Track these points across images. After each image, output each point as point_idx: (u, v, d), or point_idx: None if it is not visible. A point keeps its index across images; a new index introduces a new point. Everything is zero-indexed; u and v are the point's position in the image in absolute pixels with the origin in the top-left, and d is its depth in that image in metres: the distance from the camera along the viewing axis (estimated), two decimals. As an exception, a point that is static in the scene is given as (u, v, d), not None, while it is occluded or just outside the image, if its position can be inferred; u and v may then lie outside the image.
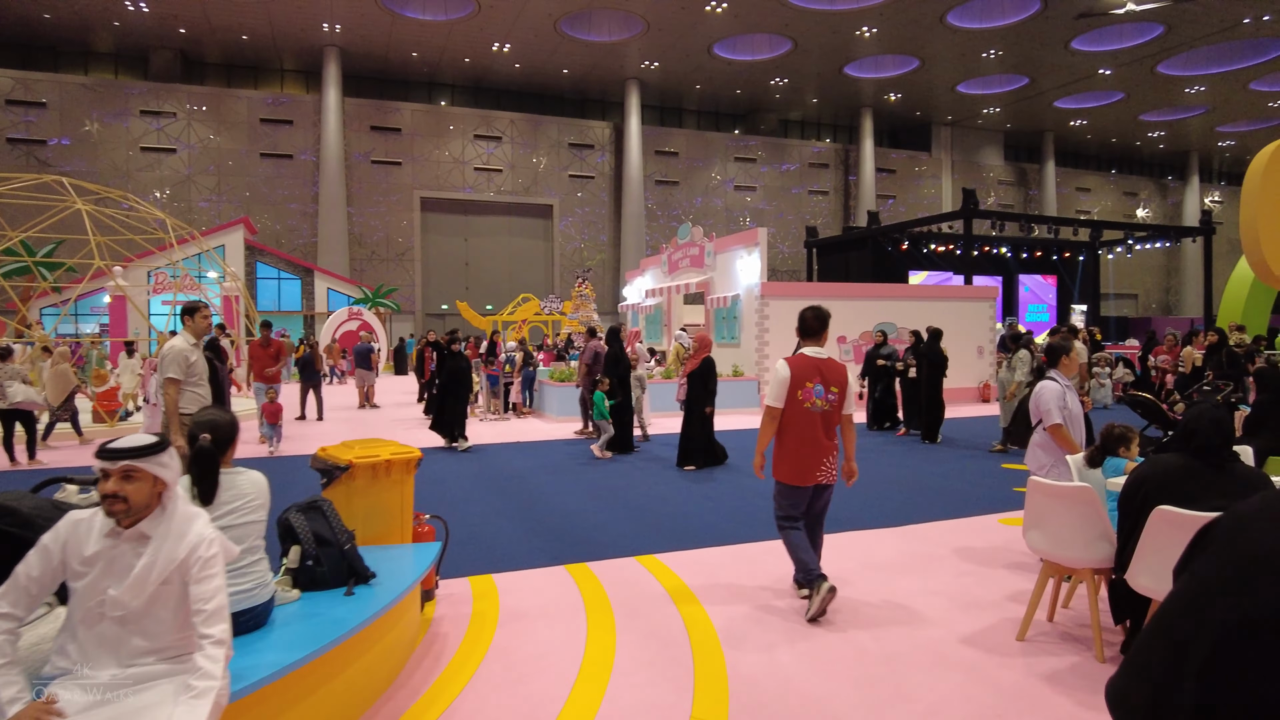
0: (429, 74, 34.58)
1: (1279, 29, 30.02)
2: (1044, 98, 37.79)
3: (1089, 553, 3.75)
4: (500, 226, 35.42)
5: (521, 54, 32.12)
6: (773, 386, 4.69)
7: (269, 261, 28.23)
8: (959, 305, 16.62)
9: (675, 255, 16.45)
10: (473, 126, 34.47)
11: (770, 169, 39.44)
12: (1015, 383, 10.15)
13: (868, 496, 7.63)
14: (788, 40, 31.19)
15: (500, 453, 10.47)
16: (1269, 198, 5.94)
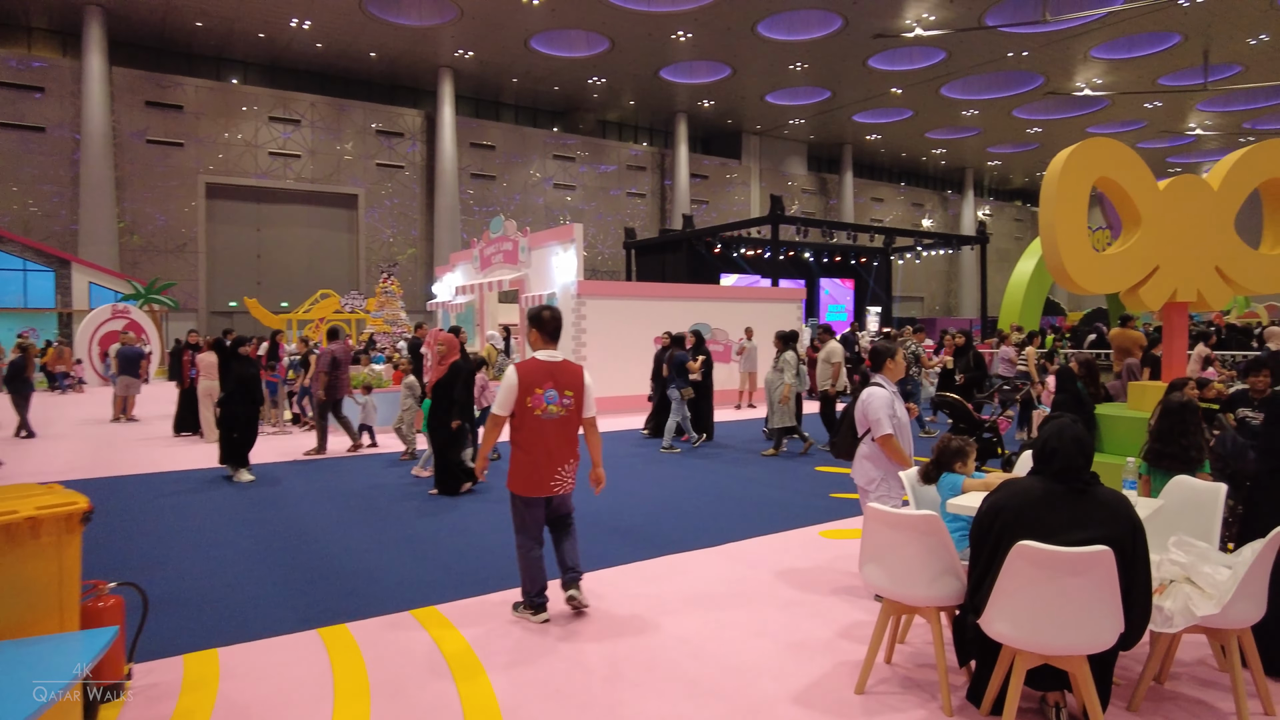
0: (217, 47, 31.29)
1: (1035, 64, 33.53)
2: (844, 111, 40.12)
3: (935, 590, 3.36)
4: (298, 216, 32.72)
5: (324, 33, 29.78)
6: (500, 394, 4.49)
7: (10, 250, 24.24)
8: (769, 306, 16.98)
9: (488, 250, 15.57)
10: (268, 108, 31.57)
11: (589, 169, 39.20)
12: (786, 385, 10.22)
13: (681, 512, 7.26)
14: (605, 39, 30.99)
15: (274, 476, 9.21)
16: (1066, 202, 6.04)
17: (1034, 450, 3.20)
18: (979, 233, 30.24)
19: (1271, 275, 6.87)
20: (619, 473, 9.20)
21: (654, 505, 7.56)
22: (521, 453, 4.52)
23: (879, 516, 3.48)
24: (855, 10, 28.33)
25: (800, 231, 26.88)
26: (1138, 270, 6.47)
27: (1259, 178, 6.85)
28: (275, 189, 31.94)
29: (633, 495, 7.98)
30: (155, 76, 29.65)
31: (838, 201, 46.51)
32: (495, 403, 4.52)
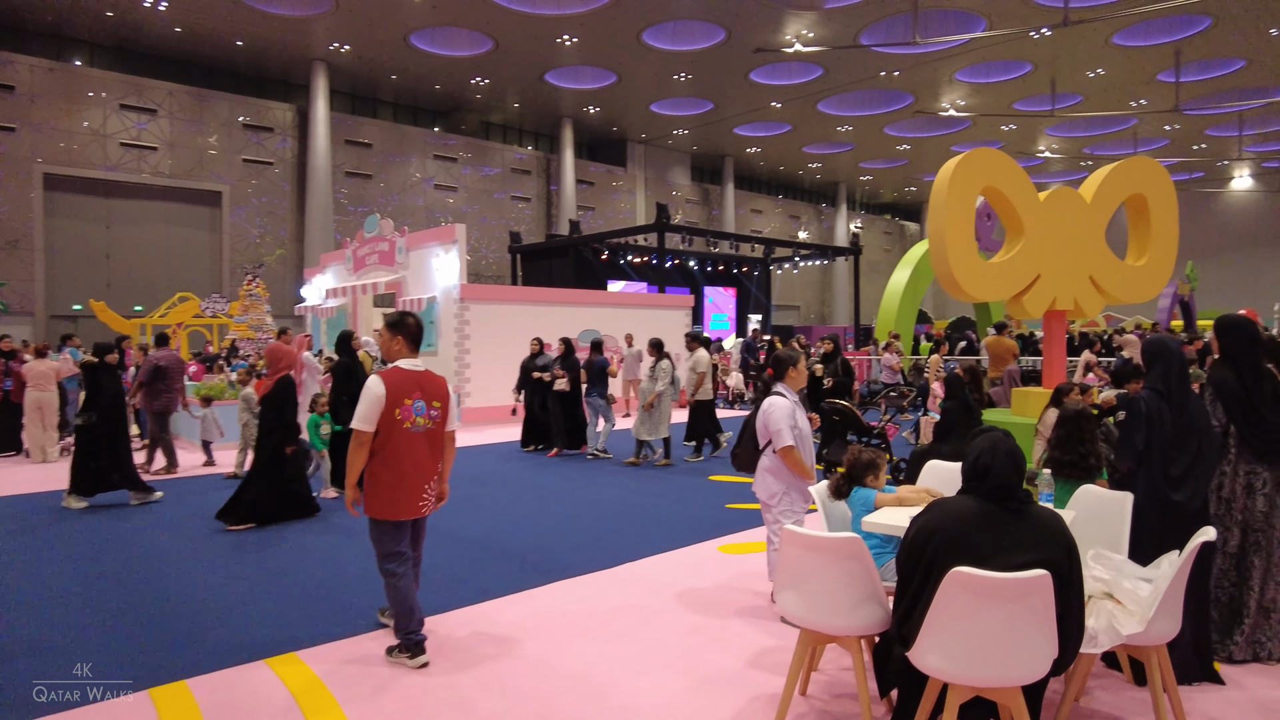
0: (55, 24, 28.54)
1: (905, 84, 35.18)
2: (725, 124, 40.83)
3: (857, 618, 3.14)
4: (155, 213, 30.26)
5: (182, 16, 27.67)
6: (363, 407, 4.08)
7: None
8: (657, 313, 16.88)
9: (362, 251, 14.68)
10: (118, 94, 29.06)
11: (472, 171, 38.23)
12: (654, 393, 10.11)
13: (572, 532, 6.92)
14: (489, 39, 30.27)
15: (109, 501, 8.23)
16: (954, 210, 6.06)
17: (964, 466, 3.00)
18: (852, 244, 31.36)
19: (1137, 285, 7.18)
20: (503, 490, 8.74)
21: (542, 524, 7.19)
22: (387, 471, 4.11)
23: (797, 540, 3.22)
24: (738, 24, 28.83)
25: (685, 240, 27.05)
26: (1021, 278, 6.62)
27: (1125, 192, 7.17)
28: (128, 183, 29.42)
29: (518, 514, 7.57)
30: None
31: (720, 212, 47.31)
32: (358, 417, 4.06)
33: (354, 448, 4.05)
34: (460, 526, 6.91)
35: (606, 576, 5.54)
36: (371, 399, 4.02)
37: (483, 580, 5.36)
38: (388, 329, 4.35)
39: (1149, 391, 4.14)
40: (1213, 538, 3.20)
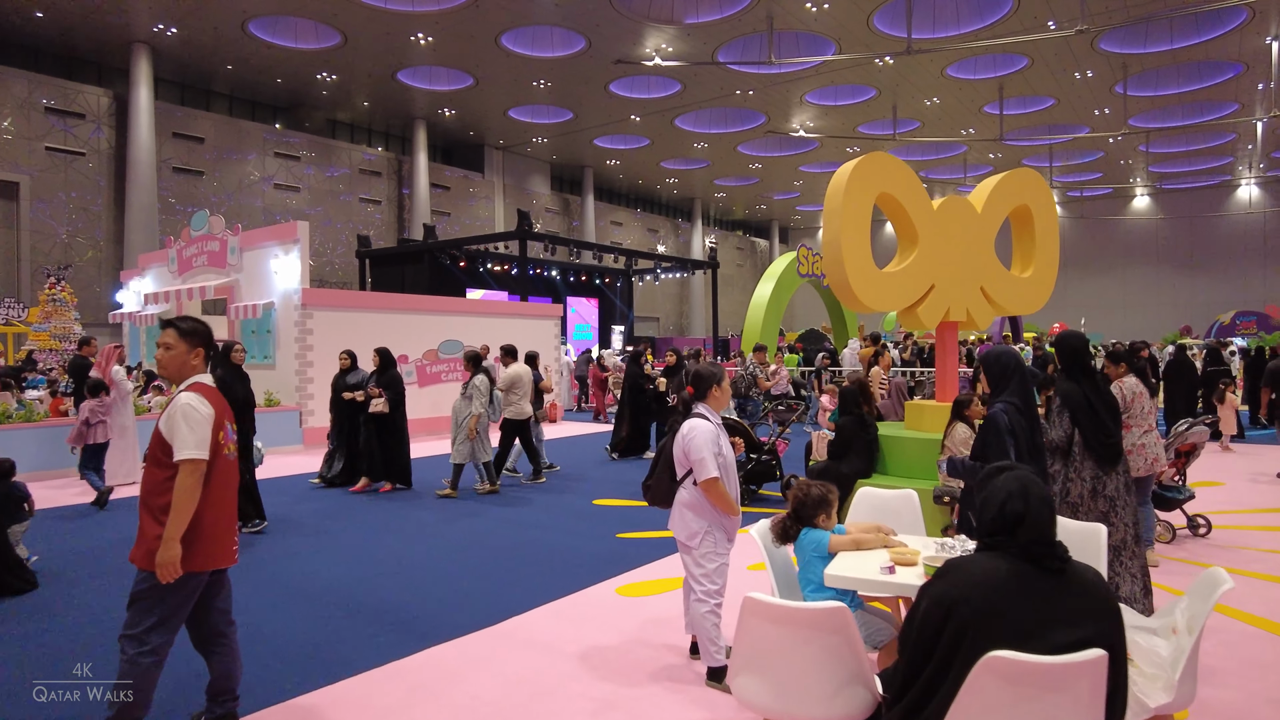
0: None
1: (758, 103, 36.18)
2: (585, 134, 40.51)
3: (841, 705, 2.53)
4: (-67, 205, 26.27)
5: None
6: (196, 429, 3.35)
7: None
8: (524, 323, 16.12)
9: (188, 251, 13.03)
10: (-115, 65, 25.03)
11: (317, 170, 35.84)
12: (472, 416, 9.06)
13: (444, 578, 6.06)
14: (336, 33, 28.43)
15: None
16: (850, 218, 5.76)
17: (984, 515, 2.38)
18: (710, 258, 31.74)
19: (1025, 296, 7.21)
20: (354, 529, 7.73)
21: (407, 572, 6.28)
22: (211, 509, 3.40)
23: (762, 611, 2.59)
24: (598, 34, 28.56)
25: (548, 249, 26.37)
26: (916, 289, 6.46)
27: (1012, 203, 7.17)
28: (-104, 168, 25.37)
29: (376, 560, 6.62)
30: None
31: (580, 223, 46.91)
32: (190, 443, 3.30)
33: (190, 485, 3.23)
34: (307, 577, 5.93)
35: (490, 637, 4.70)
36: (200, 419, 3.31)
37: (339, 649, 4.47)
38: (183, 338, 3.56)
39: (1006, 405, 4.13)
40: (1231, 586, 2.86)
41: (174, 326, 3.54)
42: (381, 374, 9.46)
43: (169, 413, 3.32)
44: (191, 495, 3.24)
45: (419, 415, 13.58)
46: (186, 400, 3.36)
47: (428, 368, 14.32)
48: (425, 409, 13.99)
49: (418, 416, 13.99)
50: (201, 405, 3.35)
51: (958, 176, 47.11)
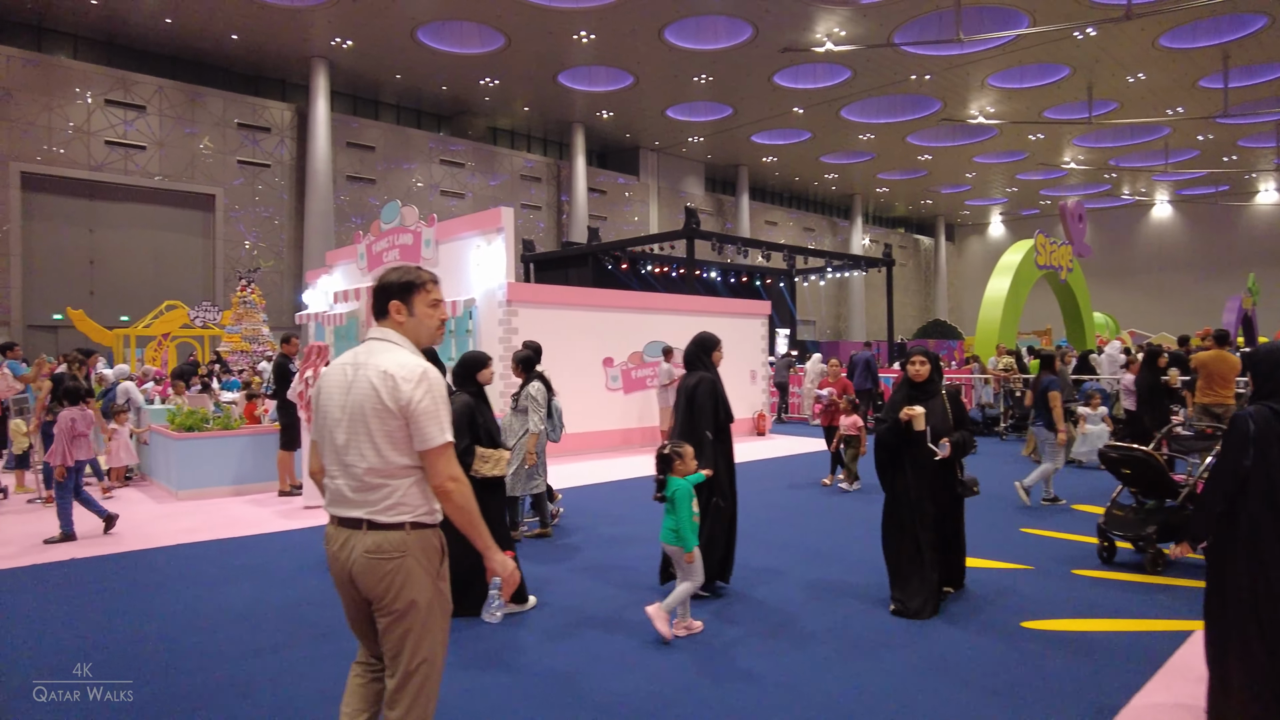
0: (36, 13, 26.68)
1: (935, 89, 33.62)
2: (743, 130, 39.19)
3: None
4: (142, 217, 28.30)
5: (174, 7, 25.87)
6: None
7: None
8: (731, 322, 14.75)
9: (379, 246, 12.64)
10: (103, 88, 27.16)
11: (480, 178, 36.39)
12: (530, 434, 6.76)
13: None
14: (500, 35, 28.55)
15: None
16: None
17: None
18: (885, 256, 29.59)
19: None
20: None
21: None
22: None
23: None
24: (766, 20, 27.21)
25: (716, 248, 25.28)
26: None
27: None
28: (114, 184, 27.47)
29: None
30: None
31: (734, 224, 45.63)
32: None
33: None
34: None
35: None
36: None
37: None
38: None
39: (1263, 409, 3.46)
40: None
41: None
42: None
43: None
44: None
45: (625, 425, 12.46)
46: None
47: (633, 372, 13.13)
48: (632, 418, 12.82)
49: (622, 427, 13.18)
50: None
51: (1157, 164, 42.31)
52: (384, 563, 2.63)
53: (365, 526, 2.64)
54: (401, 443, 2.61)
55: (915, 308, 58.59)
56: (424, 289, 2.77)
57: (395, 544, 2.62)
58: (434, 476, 2.61)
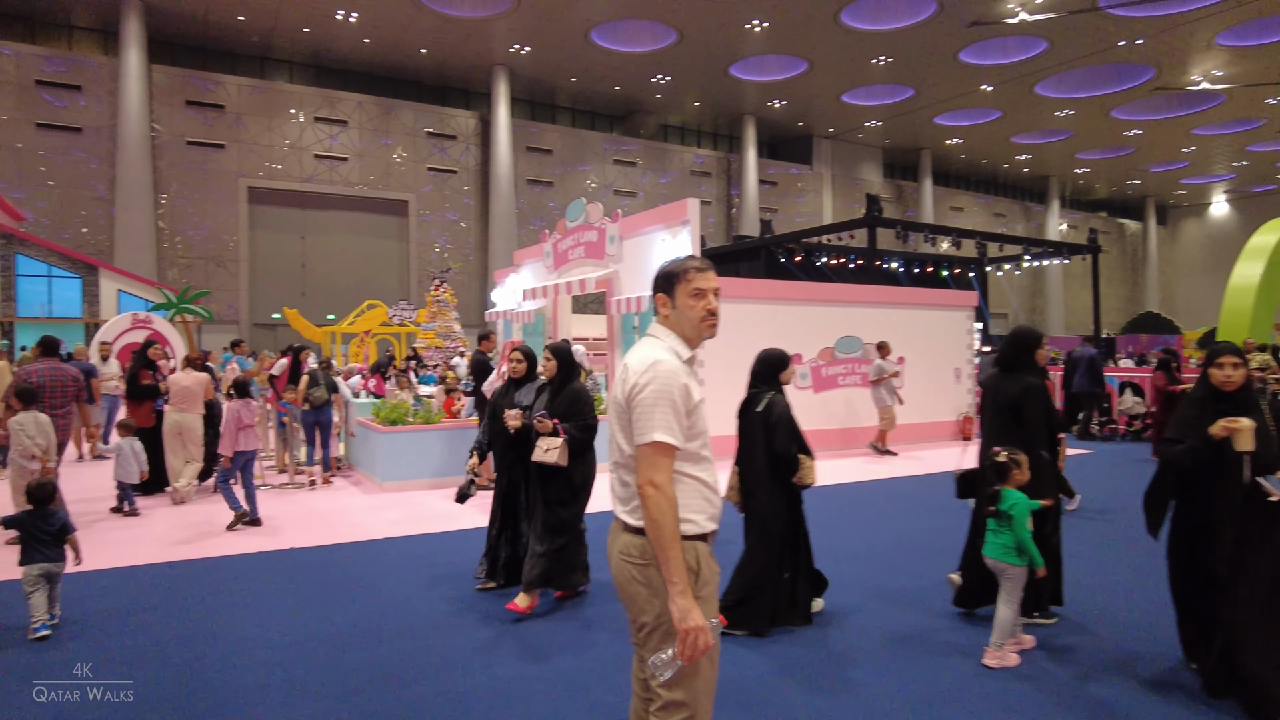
0: (260, 44, 29.52)
1: (1147, 54, 30.20)
2: (925, 113, 37.09)
3: None
4: (345, 223, 30.68)
5: (371, 27, 27.79)
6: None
7: (34, 254, 22.40)
8: (932, 315, 13.72)
9: (564, 244, 12.78)
10: (313, 107, 29.67)
11: (651, 176, 36.67)
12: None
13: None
14: (673, 31, 28.51)
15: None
16: None
17: None
18: (1090, 241, 26.90)
19: None
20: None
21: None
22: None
23: None
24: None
25: (902, 236, 23.97)
26: None
27: None
28: (322, 194, 29.96)
29: None
30: (196, 74, 27.93)
31: (916, 212, 43.32)
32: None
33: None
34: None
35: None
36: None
37: None
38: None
39: None
40: None
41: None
42: (560, 388, 5.25)
43: None
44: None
45: (815, 426, 11.90)
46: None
47: (823, 369, 12.48)
48: (819, 419, 12.21)
49: (813, 428, 12.12)
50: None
51: None
52: (627, 566, 2.42)
53: (623, 527, 2.47)
54: (633, 435, 2.42)
55: (1120, 299, 53.27)
56: (684, 278, 2.51)
57: (639, 550, 2.38)
58: (638, 475, 2.36)
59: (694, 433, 2.43)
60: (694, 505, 2.40)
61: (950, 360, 13.87)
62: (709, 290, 2.51)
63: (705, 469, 2.46)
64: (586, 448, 5.18)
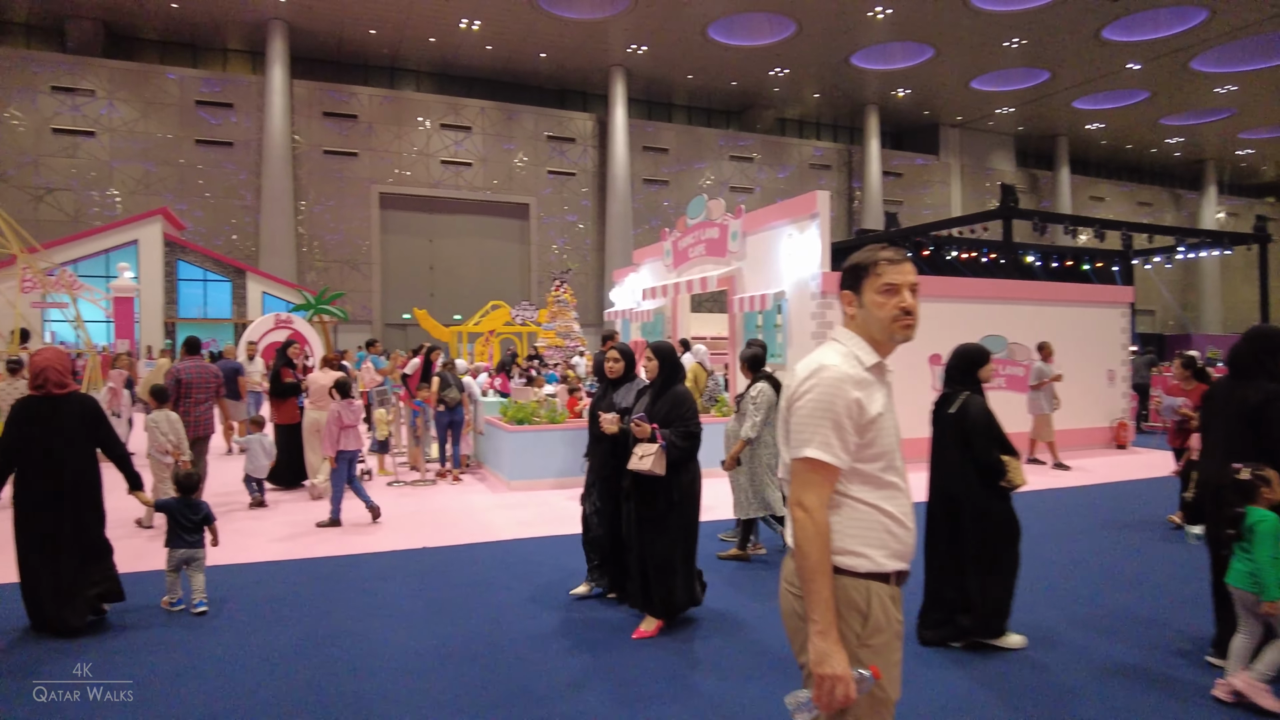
0: (390, 56, 30.86)
1: (1329, 18, 27.22)
2: (1062, 96, 34.85)
3: None
4: (470, 227, 31.66)
5: (493, 34, 28.53)
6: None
7: (193, 260, 24.20)
8: (1083, 311, 12.73)
9: (684, 242, 12.62)
10: (439, 115, 30.76)
11: (769, 171, 36.07)
12: (739, 442, 6.00)
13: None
14: (791, 22, 27.89)
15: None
16: None
17: None
18: (1257, 230, 24.50)
19: None
20: None
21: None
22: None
23: None
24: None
25: (1039, 229, 22.51)
26: None
27: None
28: (448, 199, 31.04)
29: None
30: (332, 87, 29.48)
31: (1051, 203, 40.81)
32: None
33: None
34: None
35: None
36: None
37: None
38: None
39: None
40: None
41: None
42: (661, 391, 4.85)
43: None
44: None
45: None
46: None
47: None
48: None
49: None
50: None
51: None
52: (790, 598, 2.14)
53: (789, 551, 2.17)
54: None
55: (1289, 291, 48.40)
56: (873, 272, 2.15)
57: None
58: (790, 493, 2.08)
59: (871, 452, 2.08)
60: (870, 538, 2.07)
61: (1103, 361, 12.84)
62: (903, 285, 2.13)
63: (890, 497, 2.10)
64: (689, 457, 4.67)
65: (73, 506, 4.69)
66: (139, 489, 5.14)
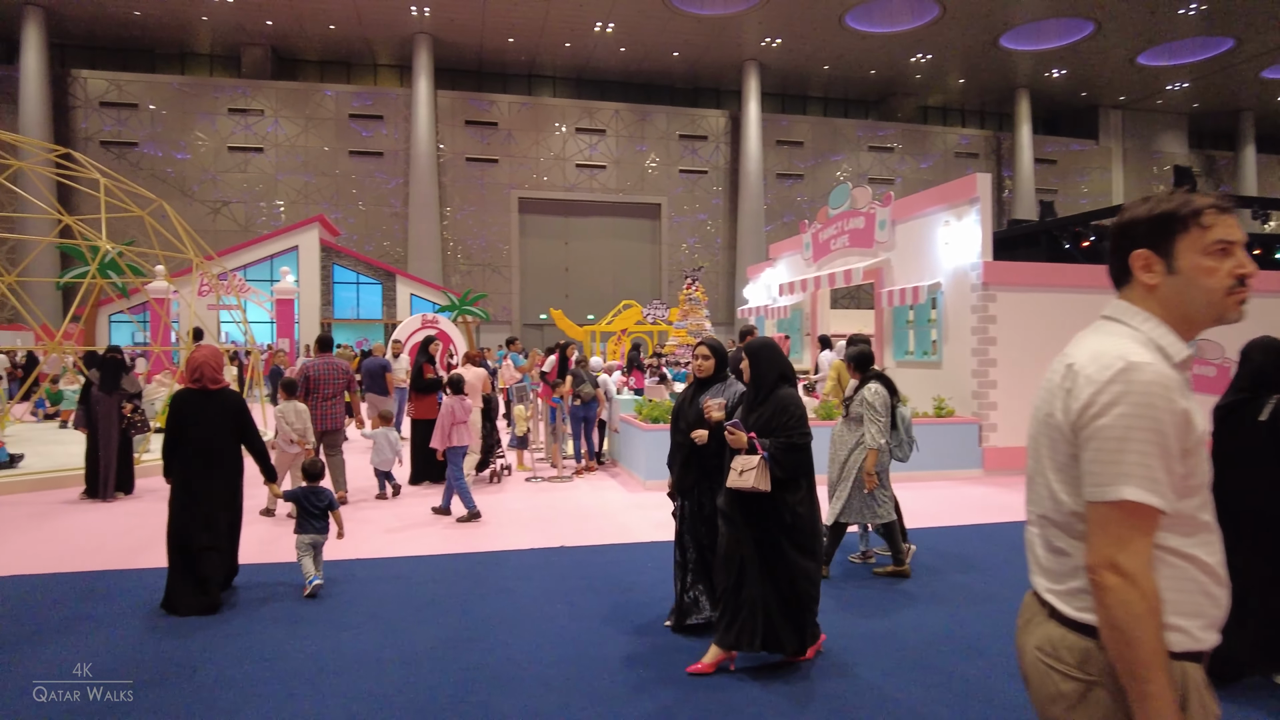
0: (527, 63, 31.68)
1: None
2: (1248, 66, 31.49)
3: None
4: (603, 228, 32.05)
5: (626, 35, 28.72)
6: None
7: (347, 264, 25.69)
8: (1259, 305, 11.35)
9: (825, 234, 12.08)
10: (574, 119, 31.31)
11: (911, 160, 34.54)
12: (870, 449, 5.47)
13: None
14: (935, 4, 26.53)
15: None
16: None
17: None
18: None
19: None
20: None
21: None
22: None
23: None
24: (1295, -84, 21.22)
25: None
26: None
27: None
28: (582, 201, 31.55)
29: None
30: (473, 96, 30.56)
31: (1231, 186, 36.98)
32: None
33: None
34: None
35: None
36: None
37: None
38: None
39: None
40: None
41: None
42: (765, 395, 4.19)
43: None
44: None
45: None
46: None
47: None
48: None
49: None
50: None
51: None
52: (1052, 675, 1.61)
53: (1049, 612, 1.66)
54: (1079, 482, 1.58)
55: None
56: (1194, 223, 1.56)
57: (1076, 656, 1.58)
58: (1090, 551, 1.52)
59: (1190, 485, 1.53)
60: (1185, 604, 1.53)
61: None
62: (1238, 244, 1.56)
63: (1205, 543, 1.56)
64: (800, 472, 4.02)
65: (224, 488, 5.13)
66: (273, 480, 5.57)
